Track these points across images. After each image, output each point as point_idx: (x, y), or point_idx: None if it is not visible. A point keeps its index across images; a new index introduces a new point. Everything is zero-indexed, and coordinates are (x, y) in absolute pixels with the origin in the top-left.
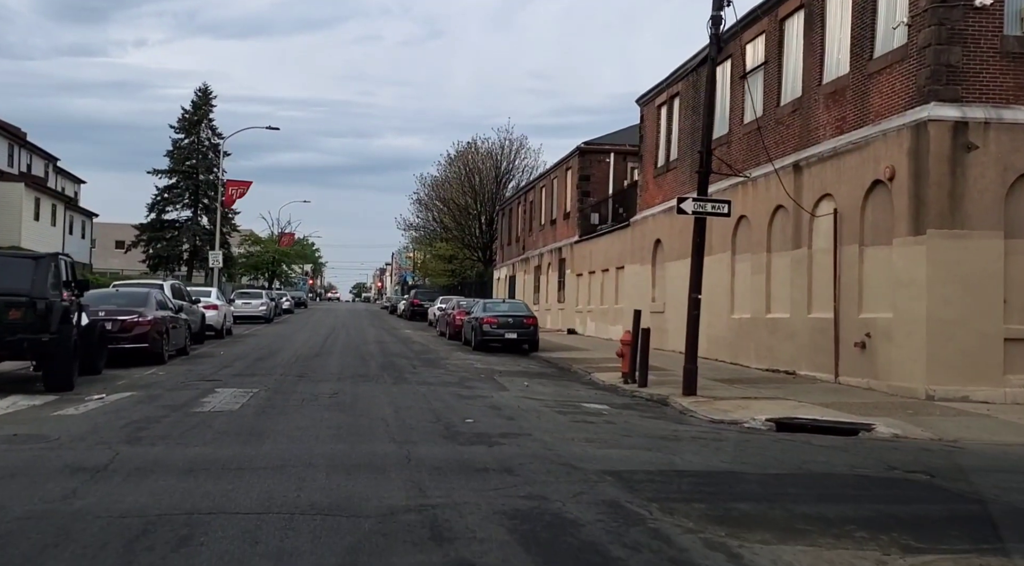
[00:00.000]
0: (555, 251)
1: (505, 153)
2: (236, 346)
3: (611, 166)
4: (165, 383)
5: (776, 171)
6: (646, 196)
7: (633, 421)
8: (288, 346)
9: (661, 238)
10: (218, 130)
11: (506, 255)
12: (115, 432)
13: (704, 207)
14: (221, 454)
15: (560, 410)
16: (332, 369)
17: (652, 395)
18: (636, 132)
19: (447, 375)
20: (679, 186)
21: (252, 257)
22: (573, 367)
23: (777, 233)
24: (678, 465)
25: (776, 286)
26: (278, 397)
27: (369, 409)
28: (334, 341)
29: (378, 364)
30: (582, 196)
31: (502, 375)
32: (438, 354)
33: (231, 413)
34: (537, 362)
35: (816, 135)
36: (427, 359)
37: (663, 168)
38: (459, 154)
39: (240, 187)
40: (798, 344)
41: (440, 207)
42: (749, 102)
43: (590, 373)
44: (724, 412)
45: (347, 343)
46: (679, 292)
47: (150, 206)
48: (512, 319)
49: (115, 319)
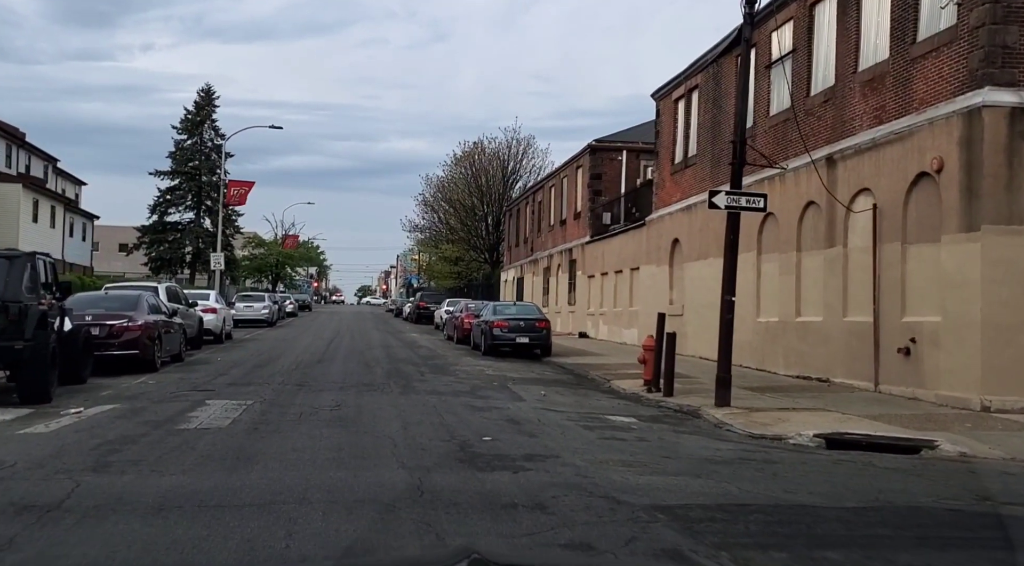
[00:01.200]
0: (565, 252)
1: (512, 153)
2: (235, 352)
3: (623, 164)
4: (153, 394)
5: (809, 164)
6: (662, 194)
7: (668, 437)
8: (289, 351)
9: (679, 237)
10: (221, 131)
11: (513, 256)
12: (82, 456)
13: (738, 201)
14: (200, 485)
15: (585, 424)
16: (334, 377)
17: (681, 406)
18: (648, 130)
19: (457, 383)
20: (698, 183)
21: (256, 259)
22: (590, 374)
23: (808, 231)
24: (737, 496)
25: (807, 287)
26: (274, 410)
27: (374, 424)
28: (337, 346)
29: (384, 371)
30: (593, 195)
31: (516, 383)
32: (447, 360)
33: (219, 431)
34: (551, 368)
35: (852, 126)
36: (435, 365)
37: (681, 164)
38: (465, 154)
39: (242, 187)
40: (832, 349)
41: (446, 208)
42: (776, 93)
43: (609, 380)
44: (763, 426)
45: (351, 348)
46: (699, 294)
47: (152, 208)
48: (524, 322)
49: (103, 324)
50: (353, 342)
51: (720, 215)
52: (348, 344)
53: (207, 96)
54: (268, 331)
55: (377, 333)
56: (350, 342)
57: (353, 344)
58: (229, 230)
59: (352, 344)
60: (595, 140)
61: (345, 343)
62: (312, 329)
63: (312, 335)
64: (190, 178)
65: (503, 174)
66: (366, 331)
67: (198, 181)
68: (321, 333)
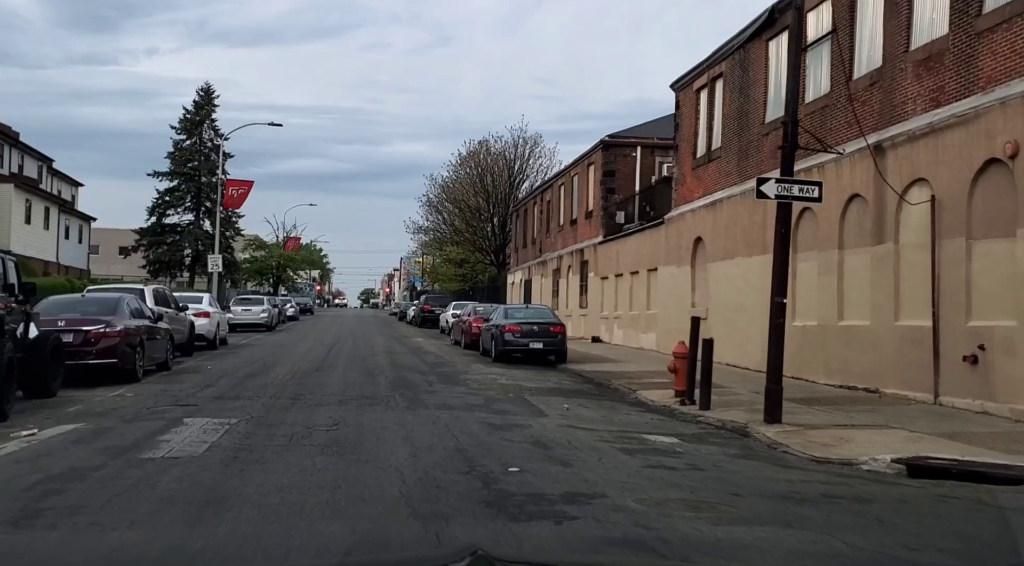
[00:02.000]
0: (576, 253)
1: (519, 152)
2: (228, 359)
3: (637, 161)
4: (126, 410)
5: (850, 155)
6: (683, 190)
7: (724, 464)
8: (286, 358)
9: (702, 236)
10: (221, 131)
11: (521, 258)
12: (11, 500)
13: (790, 190)
14: (150, 548)
15: (623, 447)
16: (334, 388)
17: (723, 422)
18: (662, 125)
19: (470, 395)
20: (723, 177)
21: (256, 262)
22: (613, 383)
23: (852, 226)
24: (850, 557)
25: (851, 288)
26: (260, 432)
27: (378, 450)
28: (338, 352)
29: (388, 381)
30: (606, 193)
31: (533, 394)
32: (455, 367)
33: (191, 461)
34: (569, 376)
35: (903, 110)
36: (444, 374)
37: (703, 158)
38: (471, 154)
39: (240, 187)
40: (882, 356)
41: (451, 209)
42: (813, 78)
43: (635, 391)
44: (825, 447)
45: (353, 354)
46: (725, 295)
47: (150, 209)
48: (537, 327)
49: (78, 330)
50: (355, 348)
51: (750, 211)
52: (350, 350)
53: (206, 96)
54: (267, 336)
55: (381, 338)
56: (352, 348)
57: (355, 350)
58: (229, 232)
59: (354, 350)
60: (608, 136)
61: (347, 349)
62: (313, 334)
63: (312, 340)
64: (189, 179)
65: (509, 174)
66: (369, 336)
67: (197, 182)
68: (322, 338)
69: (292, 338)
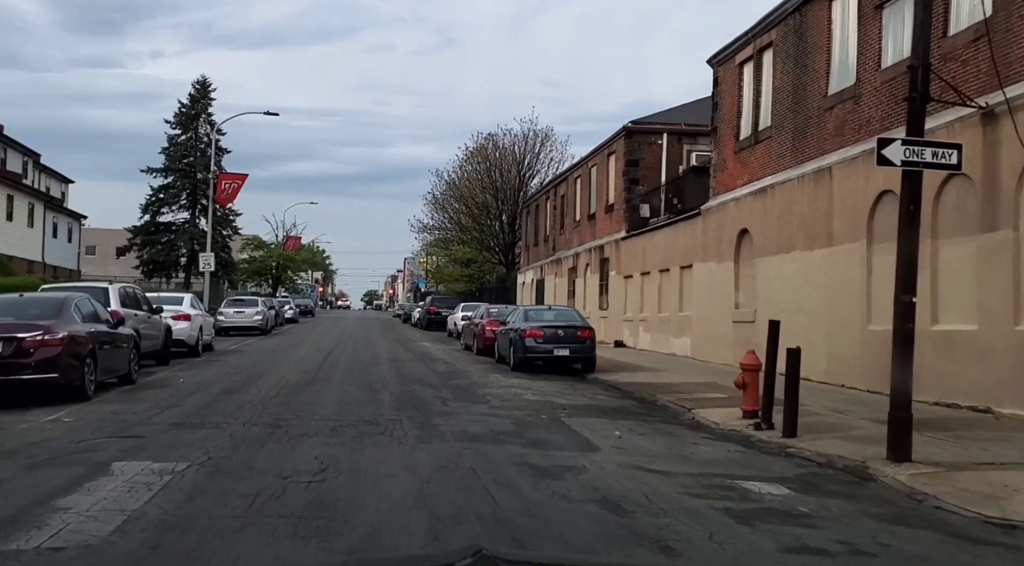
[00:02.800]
0: (595, 250)
1: (529, 146)
2: (208, 368)
3: (663, 149)
4: (47, 446)
5: (948, 125)
6: (723, 177)
7: (889, 541)
8: (275, 368)
9: (749, 228)
10: (218, 125)
11: (532, 257)
12: None
13: (920, 154)
14: None
15: (726, 506)
16: (326, 409)
17: (828, 457)
18: (688, 112)
19: (494, 416)
20: (775, 160)
21: (255, 262)
22: (659, 399)
23: (949, 210)
24: None
25: (948, 286)
26: (212, 489)
27: (379, 525)
28: (336, 360)
29: (393, 398)
30: (629, 184)
31: (570, 414)
32: (470, 378)
33: (78, 558)
34: (603, 390)
35: (1020, 68)
36: (459, 388)
37: (749, 140)
38: (478, 149)
39: (234, 180)
40: (995, 369)
41: (457, 206)
42: (890, 41)
43: (690, 409)
44: (990, 500)
45: (353, 362)
46: (779, 296)
47: (144, 207)
48: (562, 331)
49: (9, 338)
50: (356, 354)
51: (811, 197)
52: (350, 357)
53: (202, 89)
54: (260, 340)
55: (384, 342)
56: (352, 354)
57: (356, 357)
58: (227, 231)
59: (354, 357)
60: (631, 122)
61: (346, 356)
62: (311, 337)
63: (309, 345)
64: (184, 176)
65: (519, 169)
66: (372, 340)
67: (193, 179)
68: (320, 342)
69: (287, 343)
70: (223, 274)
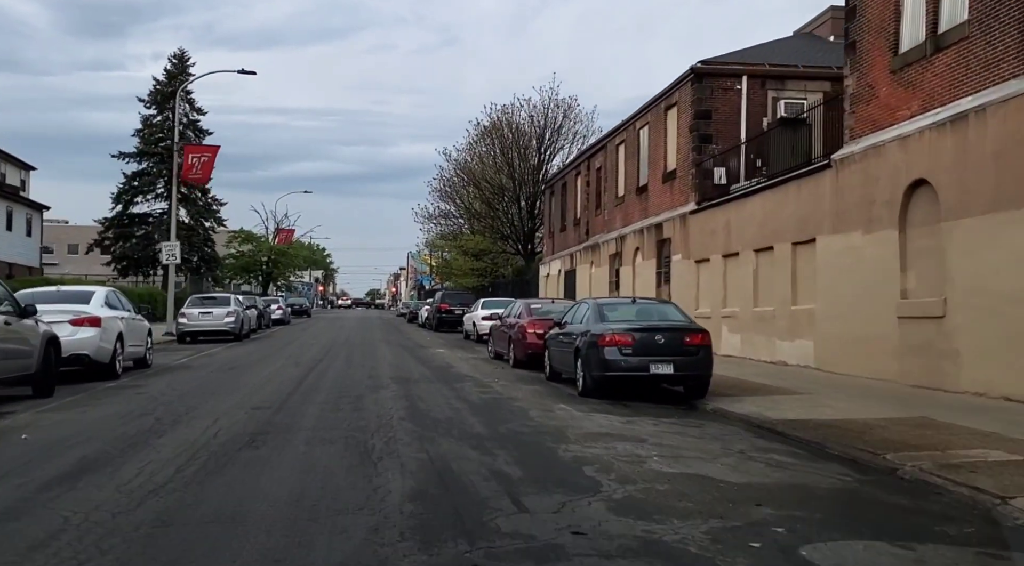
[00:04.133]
0: (649, 230)
1: (550, 119)
2: (106, 403)
3: (742, 96)
4: None
5: None
6: (871, 110)
7: None
8: (215, 401)
9: (929, 178)
10: (197, 104)
11: (558, 244)
12: None
13: None
14: None
15: None
16: (257, 534)
17: None
18: (767, 53)
19: (638, 545)
20: (979, 71)
21: (242, 257)
22: (887, 462)
23: None
24: None
25: None
26: None
27: None
28: (317, 382)
29: (408, 487)
30: (699, 143)
31: (795, 530)
32: (531, 418)
33: None
34: (756, 436)
35: None
36: (522, 443)
37: (921, 50)
38: (492, 126)
39: (203, 154)
40: None
41: (469, 191)
42: None
43: (1006, 499)
44: None
45: (341, 387)
46: (995, 278)
47: (116, 197)
48: (662, 337)
49: None
50: (349, 371)
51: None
52: (338, 376)
53: (180, 63)
54: (227, 349)
55: (388, 349)
56: (344, 371)
57: (347, 377)
58: (209, 222)
59: (345, 376)
60: (700, 62)
61: (333, 373)
62: (296, 344)
63: (288, 356)
64: (161, 161)
65: (539, 144)
66: (372, 346)
67: (170, 164)
68: (304, 351)
69: (260, 353)
70: (206, 271)
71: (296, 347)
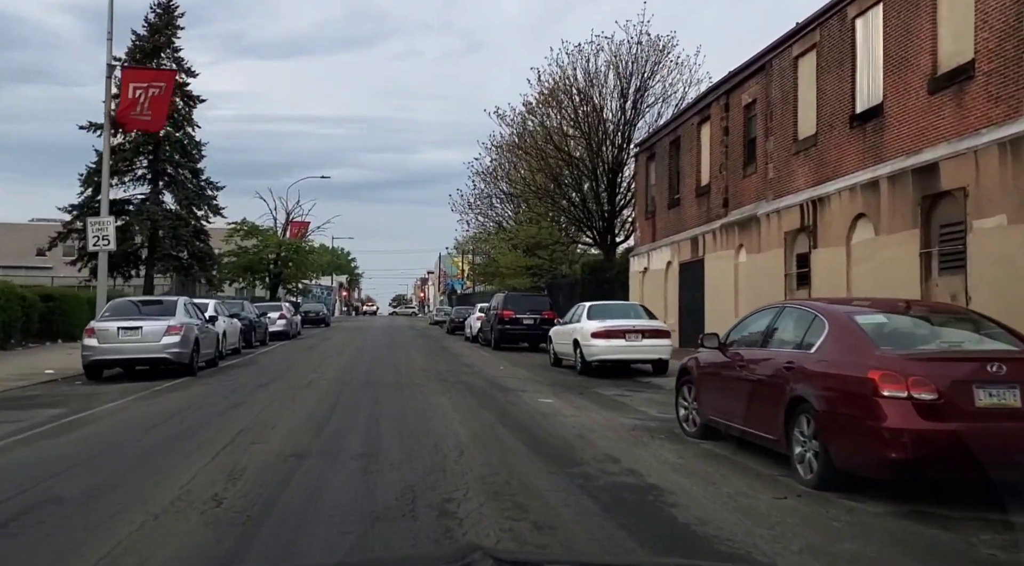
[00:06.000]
0: (898, 182)
1: (639, 65)
2: None
3: None
4: None
5: None
6: None
7: None
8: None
9: None
10: (187, 63)
11: (663, 227)
12: None
13: None
14: None
15: None
16: None
17: None
18: None
19: None
20: None
21: (245, 255)
22: None
23: None
24: None
25: None
26: None
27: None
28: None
29: None
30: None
31: None
32: None
33: None
34: None
35: None
36: None
37: None
38: (556, 86)
39: (153, 83)
40: None
41: (531, 162)
42: None
43: None
44: None
45: None
46: None
47: (85, 178)
48: None
49: None
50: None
51: None
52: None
53: (166, 13)
54: (143, 400)
55: (448, 396)
56: (358, 477)
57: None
58: (201, 209)
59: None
60: None
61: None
62: (279, 386)
63: (255, 407)
64: (142, 133)
65: (622, 97)
66: (415, 392)
67: (154, 137)
68: (283, 413)
69: (181, 422)
70: (199, 271)
71: (277, 395)
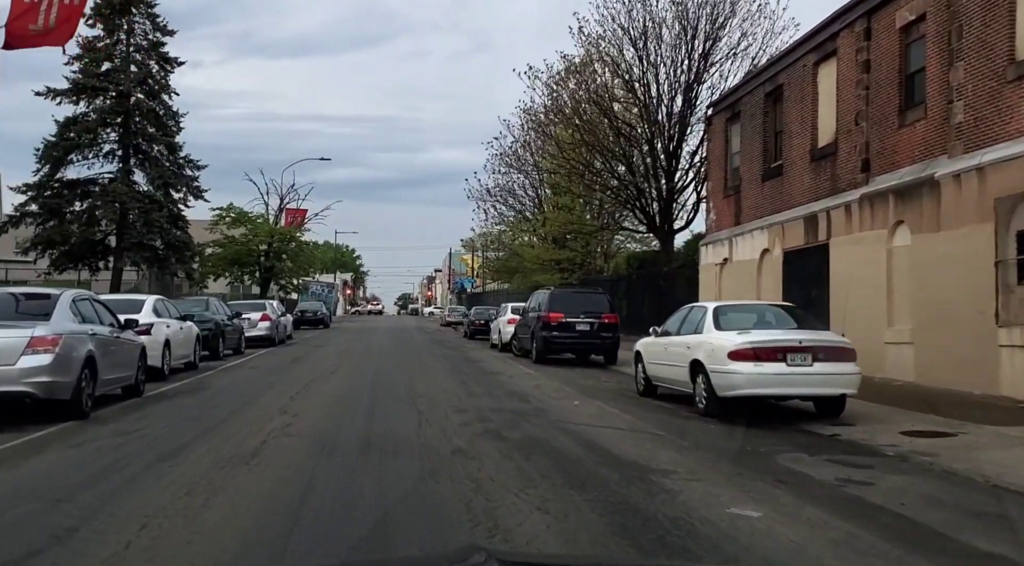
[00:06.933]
0: None
1: (707, 13)
2: None
3: None
4: None
5: None
6: None
7: None
8: None
9: None
10: (161, 21)
11: (749, 207)
12: None
13: None
14: None
15: None
16: None
17: None
18: None
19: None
20: None
21: (232, 245)
22: None
23: None
24: None
25: None
26: None
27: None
28: None
29: None
30: None
31: None
32: None
33: None
34: None
35: None
36: None
37: None
38: (592, 44)
39: (72, 14)
40: None
41: (569, 132)
42: None
43: None
44: None
45: None
46: None
47: (42, 154)
48: None
49: None
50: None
51: None
52: None
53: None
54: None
55: (543, 522)
56: None
57: None
58: (180, 191)
59: None
60: None
61: None
62: (213, 439)
63: None
64: (109, 99)
65: (688, 54)
66: (455, 462)
67: (124, 105)
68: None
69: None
70: (176, 263)
71: (184, 486)
